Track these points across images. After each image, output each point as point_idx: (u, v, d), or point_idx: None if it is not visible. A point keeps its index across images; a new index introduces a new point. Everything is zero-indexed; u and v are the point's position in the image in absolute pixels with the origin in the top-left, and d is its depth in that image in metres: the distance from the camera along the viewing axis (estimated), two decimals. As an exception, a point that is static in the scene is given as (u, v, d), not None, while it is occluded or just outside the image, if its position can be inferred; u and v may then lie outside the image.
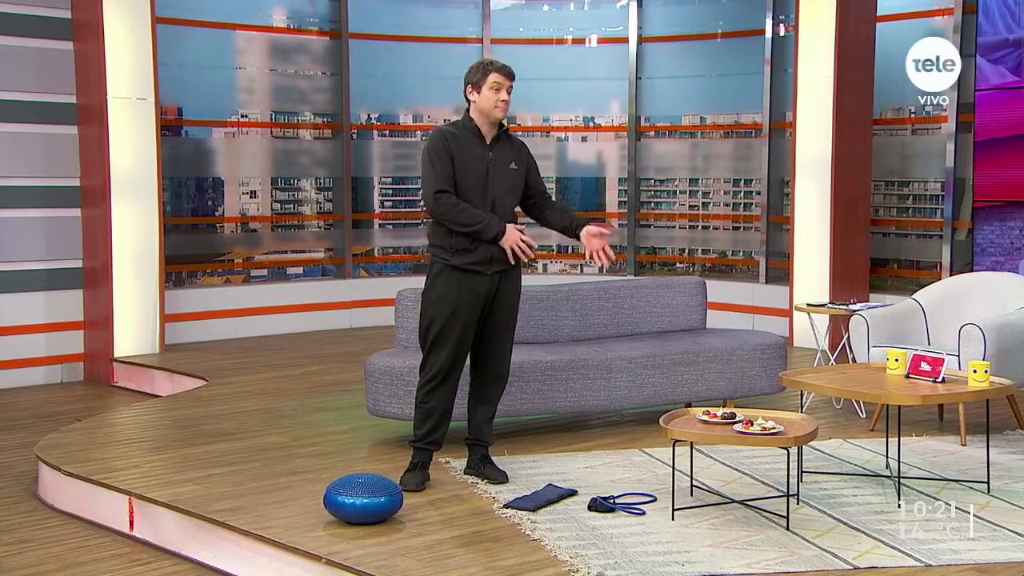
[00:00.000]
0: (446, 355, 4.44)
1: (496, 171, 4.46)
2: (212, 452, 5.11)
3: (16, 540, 4.39)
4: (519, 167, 4.55)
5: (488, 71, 4.46)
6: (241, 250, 9.11)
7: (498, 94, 4.44)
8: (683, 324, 6.11)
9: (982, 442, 5.06)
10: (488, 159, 4.46)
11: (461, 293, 4.41)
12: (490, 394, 4.63)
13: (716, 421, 4.16)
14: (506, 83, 4.46)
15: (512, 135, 4.66)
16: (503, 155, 4.51)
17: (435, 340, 4.44)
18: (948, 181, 8.09)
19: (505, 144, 4.54)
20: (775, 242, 9.09)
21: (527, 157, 4.62)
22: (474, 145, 4.46)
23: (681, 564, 3.63)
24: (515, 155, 4.55)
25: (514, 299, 4.58)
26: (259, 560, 3.92)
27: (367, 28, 9.52)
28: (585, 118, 10.03)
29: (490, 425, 4.66)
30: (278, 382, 6.89)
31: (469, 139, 4.46)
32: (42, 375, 7.66)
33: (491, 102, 4.44)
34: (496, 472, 4.58)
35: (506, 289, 4.51)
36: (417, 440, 4.53)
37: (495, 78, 4.44)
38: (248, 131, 9.06)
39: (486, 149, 4.48)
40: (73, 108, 7.71)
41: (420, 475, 4.49)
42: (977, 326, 5.32)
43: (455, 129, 4.50)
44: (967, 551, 3.76)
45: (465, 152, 4.43)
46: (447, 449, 4.73)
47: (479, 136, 4.48)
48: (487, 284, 4.44)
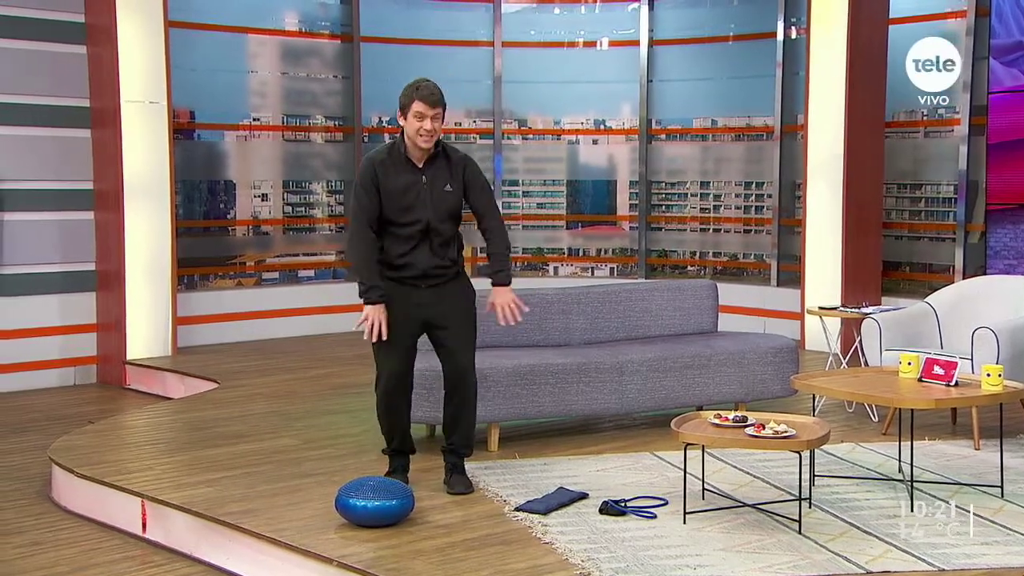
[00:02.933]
0: (384, 361, 4.41)
1: (431, 196, 4.32)
2: (224, 454, 5.12)
3: (29, 542, 4.40)
4: (455, 188, 4.37)
5: (412, 97, 4.24)
6: (253, 253, 9.14)
7: (421, 123, 4.23)
8: (694, 327, 6.10)
9: (995, 446, 5.03)
10: (420, 184, 4.32)
11: (397, 302, 4.36)
12: (459, 406, 4.49)
13: (728, 424, 4.15)
14: (429, 111, 4.22)
15: (453, 151, 4.45)
16: (438, 177, 4.34)
17: (375, 352, 4.45)
18: (961, 184, 8.06)
19: (442, 164, 4.36)
20: (787, 245, 9.07)
21: (466, 171, 4.41)
22: (404, 172, 4.31)
23: (693, 568, 3.62)
24: (451, 175, 4.37)
25: (460, 309, 4.44)
26: (271, 562, 3.93)
27: (378, 31, 9.54)
28: (596, 121, 10.02)
29: (463, 435, 4.51)
30: (290, 384, 6.90)
31: (399, 166, 4.32)
32: (55, 377, 7.69)
33: (414, 130, 4.25)
34: (458, 482, 4.46)
35: (446, 300, 4.40)
36: (389, 448, 4.57)
37: (417, 107, 4.23)
38: (260, 134, 9.09)
39: (418, 174, 4.33)
40: (86, 112, 7.74)
41: (401, 478, 4.46)
42: (990, 329, 5.30)
43: (385, 156, 4.36)
44: (980, 555, 3.74)
45: (394, 181, 4.30)
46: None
47: (408, 162, 4.32)
48: (422, 296, 4.38)
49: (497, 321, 4.50)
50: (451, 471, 4.52)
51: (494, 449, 5.16)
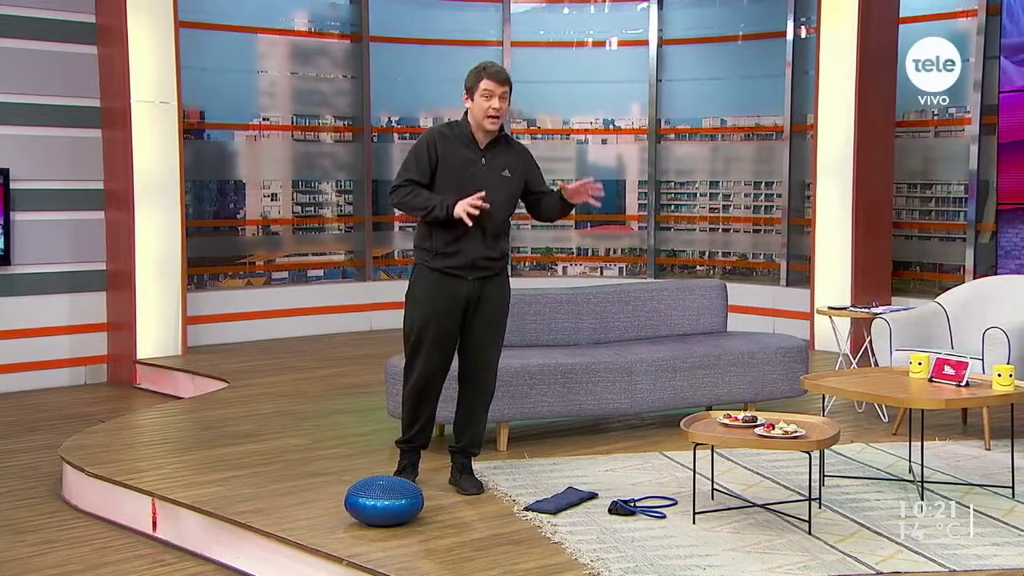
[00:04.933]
0: (426, 361, 4.32)
1: (487, 177, 4.27)
2: (234, 454, 5.13)
3: (41, 541, 4.42)
4: (514, 174, 4.35)
5: (480, 76, 4.24)
6: (262, 252, 9.15)
7: (489, 101, 4.22)
8: (704, 327, 6.09)
9: (1007, 446, 5.02)
10: (479, 164, 4.29)
11: (440, 297, 4.28)
12: (473, 405, 4.47)
13: (737, 424, 4.15)
14: (498, 89, 4.22)
15: (513, 140, 4.47)
16: (497, 161, 4.32)
17: (415, 345, 4.34)
18: (971, 183, 8.03)
19: (503, 150, 4.35)
20: (796, 245, 9.05)
21: (526, 163, 4.41)
22: (465, 149, 4.28)
23: (702, 568, 3.62)
24: (512, 162, 4.35)
25: (498, 308, 4.39)
26: (280, 561, 3.94)
27: (388, 31, 9.55)
28: (605, 120, 10.01)
29: (474, 435, 4.50)
30: (299, 384, 6.92)
31: (460, 143, 4.29)
32: (66, 377, 7.72)
33: (482, 110, 4.23)
34: (469, 483, 4.45)
35: (489, 296, 4.34)
36: (404, 442, 4.49)
37: (486, 84, 4.22)
38: (269, 134, 9.10)
39: (479, 154, 4.30)
40: (97, 112, 7.77)
41: (410, 476, 4.43)
42: (1002, 330, 5.28)
43: (448, 131, 4.34)
44: (991, 556, 3.73)
45: (454, 155, 4.27)
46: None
47: (472, 141, 4.30)
48: (467, 289, 4.30)
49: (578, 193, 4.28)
50: (460, 471, 4.52)
51: (503, 449, 5.16)
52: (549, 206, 4.49)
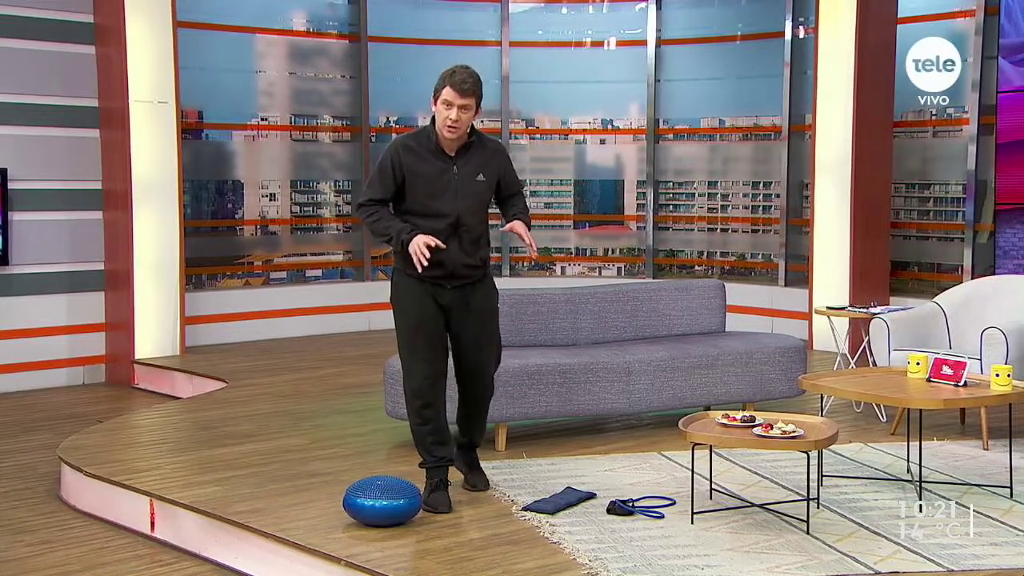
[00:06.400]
0: (421, 366, 4.18)
1: (460, 186, 4.12)
2: (232, 454, 5.13)
3: (39, 541, 4.42)
4: (488, 177, 4.19)
5: (444, 83, 4.03)
6: (260, 253, 9.15)
7: (448, 111, 4.01)
8: (702, 327, 6.10)
9: (1005, 446, 5.01)
10: (451, 173, 4.12)
11: (423, 301, 4.17)
12: (472, 407, 4.42)
13: (735, 424, 4.15)
14: (458, 100, 3.99)
15: (486, 138, 4.27)
16: (470, 167, 4.15)
17: (410, 351, 4.20)
18: (970, 183, 8.04)
19: (475, 152, 4.17)
20: (794, 245, 9.05)
21: (500, 163, 4.25)
22: (434, 159, 4.11)
23: (700, 568, 3.62)
24: (484, 163, 4.19)
25: (485, 312, 4.27)
26: (279, 562, 3.94)
27: (386, 31, 9.55)
28: (604, 121, 10.02)
29: (477, 431, 4.47)
30: (297, 384, 6.91)
31: (427, 153, 4.12)
32: (64, 377, 7.71)
33: (441, 119, 4.05)
34: (479, 479, 4.45)
35: (474, 303, 4.23)
36: (428, 464, 4.27)
37: (446, 94, 4.01)
38: (268, 134, 9.10)
39: (449, 163, 4.13)
40: (95, 112, 7.76)
41: (445, 494, 4.22)
42: (1000, 330, 5.29)
43: (413, 141, 4.16)
44: (989, 556, 3.73)
45: (421, 166, 4.10)
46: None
47: (439, 149, 4.12)
48: (448, 297, 4.18)
49: (512, 235, 4.15)
50: (469, 467, 4.50)
51: (502, 449, 5.16)
52: (507, 213, 4.35)
